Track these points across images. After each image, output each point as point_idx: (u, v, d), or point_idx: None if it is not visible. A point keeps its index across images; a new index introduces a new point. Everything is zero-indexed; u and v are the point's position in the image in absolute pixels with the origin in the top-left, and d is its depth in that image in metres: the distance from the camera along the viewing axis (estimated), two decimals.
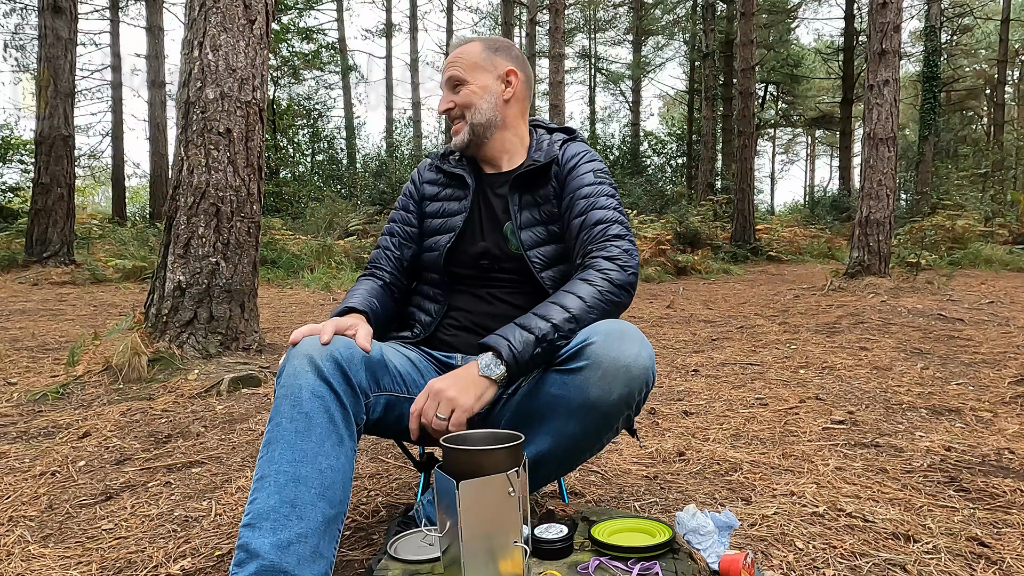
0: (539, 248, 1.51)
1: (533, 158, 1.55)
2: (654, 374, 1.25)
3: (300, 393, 1.13)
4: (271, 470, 1.09)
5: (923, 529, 1.58)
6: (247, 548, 1.03)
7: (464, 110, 1.52)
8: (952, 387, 3.04)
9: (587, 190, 1.49)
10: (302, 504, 1.06)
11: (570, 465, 1.36)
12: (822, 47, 27.84)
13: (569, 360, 1.22)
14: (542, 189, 1.54)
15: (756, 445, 2.29)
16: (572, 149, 1.57)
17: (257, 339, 3.80)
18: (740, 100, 13.35)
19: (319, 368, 1.15)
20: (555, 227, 1.53)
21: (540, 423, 1.27)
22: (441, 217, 1.61)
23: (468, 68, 1.52)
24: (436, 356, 1.52)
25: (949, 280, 7.63)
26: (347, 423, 1.16)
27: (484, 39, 1.57)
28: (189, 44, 3.65)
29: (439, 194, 1.64)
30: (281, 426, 1.12)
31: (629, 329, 1.23)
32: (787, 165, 49.23)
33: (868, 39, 7.70)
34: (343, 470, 1.13)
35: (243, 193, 3.69)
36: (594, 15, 28.25)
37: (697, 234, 11.99)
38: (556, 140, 1.60)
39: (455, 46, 1.56)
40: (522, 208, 1.54)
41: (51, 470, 2.10)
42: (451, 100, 1.53)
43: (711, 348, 4.23)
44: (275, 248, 10.39)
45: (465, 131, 1.53)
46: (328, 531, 1.09)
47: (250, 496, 1.09)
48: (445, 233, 1.58)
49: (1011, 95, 28.78)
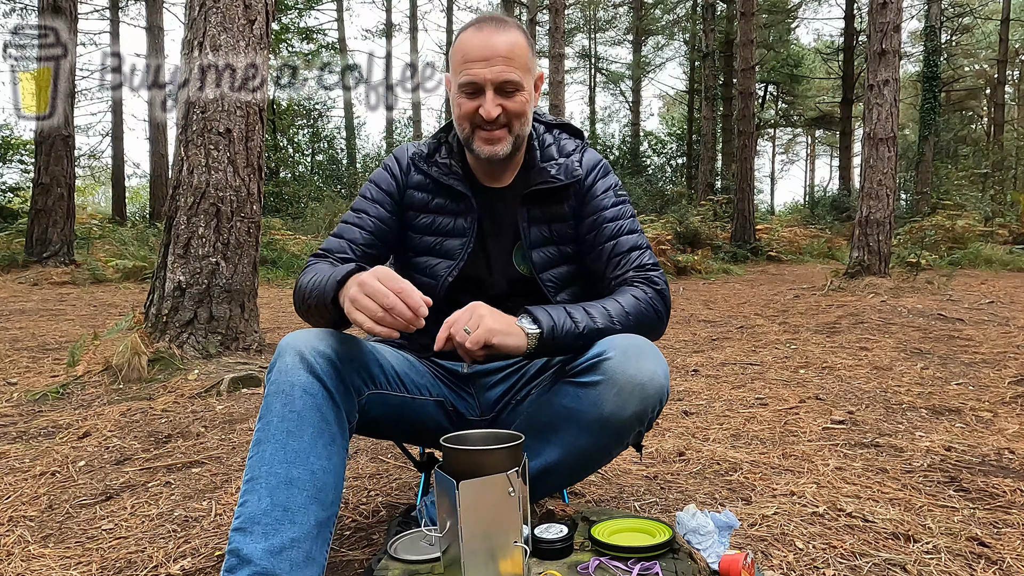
0: (552, 270, 1.41)
1: (549, 172, 1.39)
2: (668, 391, 1.22)
3: (291, 391, 1.09)
4: (262, 471, 1.05)
5: (923, 529, 1.58)
6: (238, 553, 1.00)
7: (514, 119, 1.31)
8: (952, 387, 3.04)
9: (612, 212, 1.40)
10: (294, 508, 1.03)
11: (578, 477, 1.35)
12: (822, 47, 27.85)
13: (584, 372, 1.19)
14: (557, 206, 1.41)
15: (756, 445, 2.29)
16: (590, 159, 1.45)
17: (257, 339, 3.80)
18: (740, 100, 13.35)
19: (311, 365, 1.10)
20: (568, 247, 1.42)
21: (550, 434, 1.24)
22: (433, 234, 1.43)
23: (522, 71, 1.29)
24: (437, 361, 1.47)
25: (949, 280, 7.63)
26: (339, 421, 1.13)
27: (522, 28, 1.33)
28: (189, 44, 3.65)
29: (429, 204, 1.43)
30: (272, 425, 1.08)
31: (646, 346, 1.20)
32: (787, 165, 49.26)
33: (868, 39, 7.70)
34: (335, 471, 1.10)
35: (243, 193, 3.69)
36: (594, 15, 28.25)
37: (697, 234, 11.99)
38: (568, 148, 1.44)
39: (498, 35, 1.27)
40: (531, 224, 1.40)
41: (51, 470, 2.10)
42: (500, 104, 1.28)
43: (711, 348, 4.23)
44: (275, 248, 10.40)
45: (508, 143, 1.32)
46: (320, 534, 1.06)
47: (240, 498, 1.05)
48: (442, 258, 1.41)
49: (1011, 95, 28.78)
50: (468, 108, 1.29)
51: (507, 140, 1.32)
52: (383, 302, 1.04)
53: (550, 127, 1.48)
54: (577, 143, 1.47)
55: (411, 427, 1.38)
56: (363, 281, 1.07)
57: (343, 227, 1.42)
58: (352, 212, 1.44)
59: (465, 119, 1.31)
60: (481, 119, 1.29)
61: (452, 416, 1.42)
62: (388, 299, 1.04)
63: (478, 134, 1.31)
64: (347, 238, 1.40)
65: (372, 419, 1.28)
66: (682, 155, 25.19)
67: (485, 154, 1.32)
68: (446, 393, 1.43)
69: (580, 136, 1.49)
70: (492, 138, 1.31)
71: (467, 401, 1.46)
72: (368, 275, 1.07)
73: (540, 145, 1.43)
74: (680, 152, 25.41)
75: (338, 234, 1.42)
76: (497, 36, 1.27)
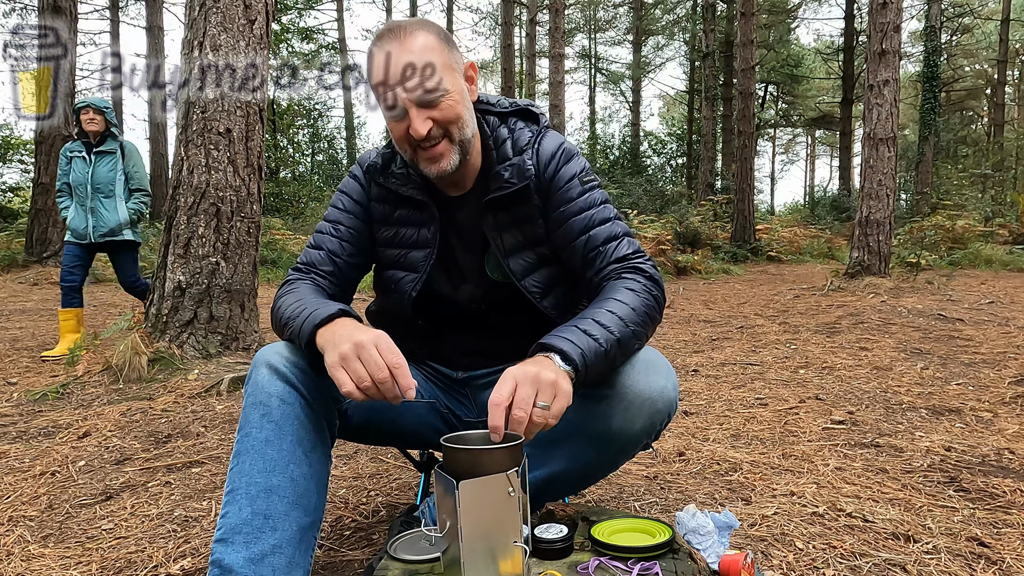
0: (533, 275, 1.31)
1: (503, 177, 1.26)
2: (677, 405, 1.19)
3: (268, 401, 1.08)
4: (242, 482, 1.05)
5: (923, 529, 1.58)
6: (220, 564, 0.99)
7: (449, 127, 1.17)
8: (952, 387, 3.04)
9: (580, 203, 1.27)
10: (276, 515, 1.03)
11: (582, 486, 1.33)
12: (822, 47, 27.86)
13: (592, 385, 1.13)
14: (522, 207, 1.29)
15: (756, 445, 2.29)
16: (546, 149, 1.29)
17: (257, 339, 3.80)
18: (740, 100, 13.35)
19: (285, 375, 1.10)
20: (544, 248, 1.31)
21: (556, 445, 1.21)
22: (397, 247, 1.33)
23: (443, 71, 1.15)
24: (430, 364, 1.45)
25: (949, 280, 7.63)
26: (319, 428, 1.12)
27: (428, 25, 1.19)
28: (189, 44, 3.65)
29: (391, 217, 1.33)
30: (251, 436, 1.07)
31: (657, 359, 1.16)
32: (787, 165, 49.27)
33: (868, 39, 7.70)
34: (317, 476, 1.10)
35: (243, 193, 3.69)
36: (594, 15, 28.26)
37: (697, 234, 11.99)
38: (522, 142, 1.29)
39: (401, 46, 1.14)
40: (500, 231, 1.29)
41: (51, 470, 2.10)
42: (429, 118, 1.15)
43: (711, 348, 4.23)
44: (275, 248, 10.41)
45: (453, 153, 1.19)
46: (304, 539, 1.06)
47: (222, 510, 1.05)
48: (407, 271, 1.33)
49: (1011, 95, 28.79)
50: (399, 132, 1.18)
51: (451, 151, 1.19)
52: (376, 375, 0.98)
53: (504, 116, 1.33)
54: (532, 132, 1.31)
55: (405, 431, 1.38)
56: (361, 344, 0.99)
57: (320, 237, 1.34)
58: (327, 223, 1.35)
59: (402, 143, 1.20)
60: (415, 139, 1.17)
61: (447, 418, 1.41)
62: (382, 374, 0.98)
63: (420, 154, 1.19)
64: (328, 248, 1.32)
65: (359, 426, 1.26)
66: (682, 155, 25.20)
67: (433, 173, 1.20)
68: (439, 395, 1.42)
69: (536, 120, 1.34)
70: (434, 155, 1.18)
71: (462, 403, 1.45)
72: (368, 339, 0.99)
73: (496, 143, 1.30)
74: (680, 152, 25.42)
75: (317, 245, 1.33)
76: (400, 47, 1.13)
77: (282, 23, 18.62)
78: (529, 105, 1.36)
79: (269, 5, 3.78)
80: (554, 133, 1.33)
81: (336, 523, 1.71)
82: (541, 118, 1.34)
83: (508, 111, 1.33)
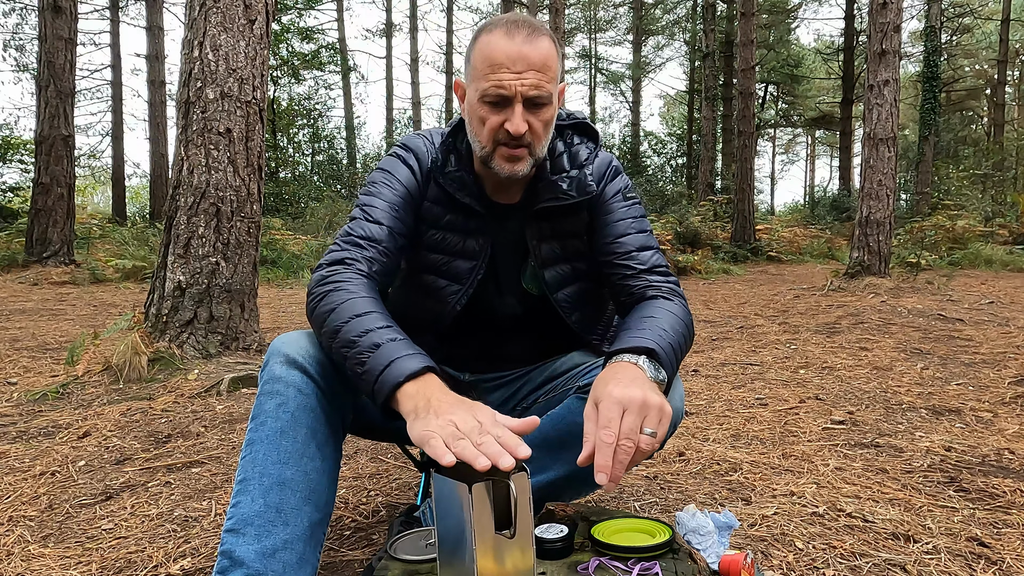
0: (566, 289, 1.32)
1: (560, 187, 1.26)
2: (683, 414, 1.18)
3: (285, 391, 1.07)
4: (254, 472, 1.04)
5: (923, 529, 1.58)
6: (231, 555, 0.98)
7: (536, 141, 1.18)
8: (952, 387, 3.04)
9: (621, 212, 1.30)
10: (287, 509, 1.02)
11: (583, 493, 1.33)
12: (822, 47, 27.85)
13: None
14: (569, 221, 1.30)
15: (756, 445, 2.29)
16: (599, 168, 1.32)
17: (257, 339, 3.80)
18: (740, 100, 13.35)
19: (303, 366, 1.09)
20: (581, 264, 1.32)
21: (561, 451, 1.21)
22: (441, 252, 1.30)
23: (553, 84, 1.16)
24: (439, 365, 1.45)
25: (949, 280, 7.63)
26: (333, 422, 1.11)
27: (554, 37, 1.19)
28: (189, 44, 3.65)
29: (441, 220, 1.29)
30: (265, 425, 1.06)
31: None
32: (787, 165, 49.29)
33: (868, 39, 7.70)
34: (329, 472, 1.09)
35: (243, 193, 3.69)
36: (594, 15, 28.26)
37: (697, 234, 12.00)
38: (582, 157, 1.30)
39: (533, 43, 1.13)
40: (541, 240, 1.30)
41: (51, 470, 2.10)
42: (527, 120, 1.15)
43: (711, 348, 4.23)
44: (275, 248, 10.41)
45: (528, 163, 1.19)
46: (314, 535, 1.05)
47: (232, 499, 1.04)
48: (449, 280, 1.30)
49: (1011, 95, 28.78)
50: (494, 123, 1.15)
51: (527, 160, 1.19)
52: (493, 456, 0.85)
53: (561, 129, 1.33)
54: (590, 148, 1.32)
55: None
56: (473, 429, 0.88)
57: (377, 212, 1.22)
58: (381, 200, 1.24)
59: (491, 133, 1.16)
60: (507, 135, 1.15)
61: None
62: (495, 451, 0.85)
63: (500, 151, 1.17)
64: (376, 239, 1.20)
65: (370, 420, 1.26)
66: (682, 155, 25.20)
67: (506, 173, 1.18)
68: None
69: (595, 138, 1.34)
70: (514, 156, 1.17)
71: None
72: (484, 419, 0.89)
73: (551, 154, 1.29)
74: (680, 152, 25.42)
75: (375, 219, 1.21)
76: (531, 44, 1.12)
77: (282, 23, 18.62)
78: (585, 119, 1.37)
79: (269, 5, 3.78)
80: (605, 151, 1.37)
81: (336, 523, 1.71)
82: (597, 135, 1.36)
83: (566, 123, 1.34)
